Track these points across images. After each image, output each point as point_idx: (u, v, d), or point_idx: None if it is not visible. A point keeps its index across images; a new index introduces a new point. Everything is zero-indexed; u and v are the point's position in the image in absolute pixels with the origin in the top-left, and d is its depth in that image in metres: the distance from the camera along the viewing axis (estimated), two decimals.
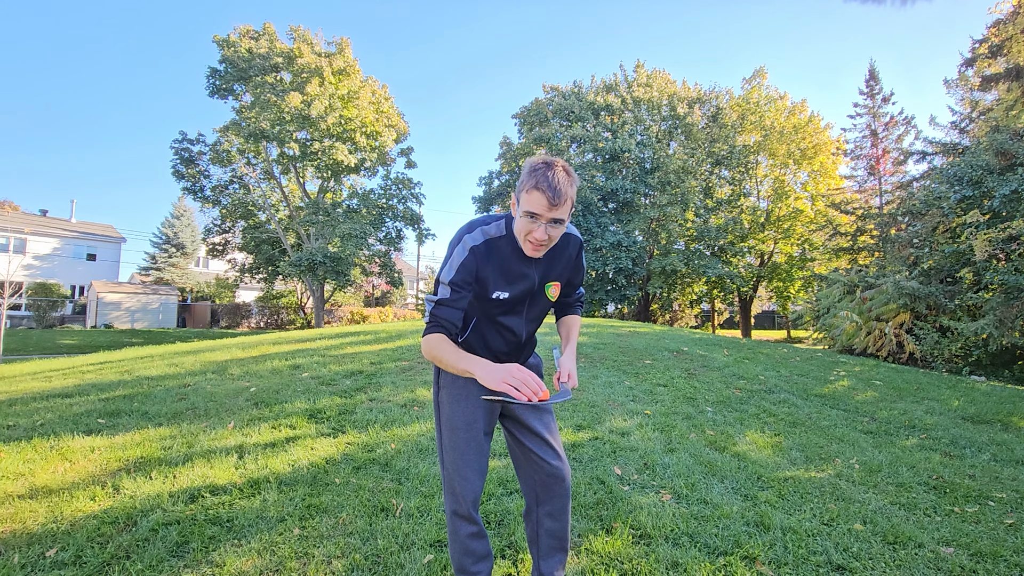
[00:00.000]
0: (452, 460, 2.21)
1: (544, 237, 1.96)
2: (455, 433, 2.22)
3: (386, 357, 8.23)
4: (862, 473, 4.27)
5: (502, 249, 2.09)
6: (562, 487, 2.31)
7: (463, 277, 2.05)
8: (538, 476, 2.32)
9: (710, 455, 4.52)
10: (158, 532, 3.05)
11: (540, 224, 1.95)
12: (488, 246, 2.07)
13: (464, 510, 2.19)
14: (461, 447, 2.20)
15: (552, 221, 1.95)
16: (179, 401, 5.92)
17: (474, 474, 2.20)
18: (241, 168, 31.15)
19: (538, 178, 1.91)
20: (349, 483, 3.74)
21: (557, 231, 1.98)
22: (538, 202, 1.91)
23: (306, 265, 27.57)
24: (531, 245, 2.02)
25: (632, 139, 30.47)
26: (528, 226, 1.97)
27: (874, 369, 9.36)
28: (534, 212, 1.93)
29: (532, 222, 1.95)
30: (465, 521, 2.21)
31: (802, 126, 33.04)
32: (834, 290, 17.63)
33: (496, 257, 2.09)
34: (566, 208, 1.95)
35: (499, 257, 2.09)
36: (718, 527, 3.25)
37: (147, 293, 37.00)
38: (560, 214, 1.94)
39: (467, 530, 2.21)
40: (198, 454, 4.24)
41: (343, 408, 5.59)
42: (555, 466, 2.30)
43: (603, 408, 5.77)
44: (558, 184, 1.90)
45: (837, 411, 6.26)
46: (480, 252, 2.06)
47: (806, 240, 32.45)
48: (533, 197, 1.92)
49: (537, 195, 1.91)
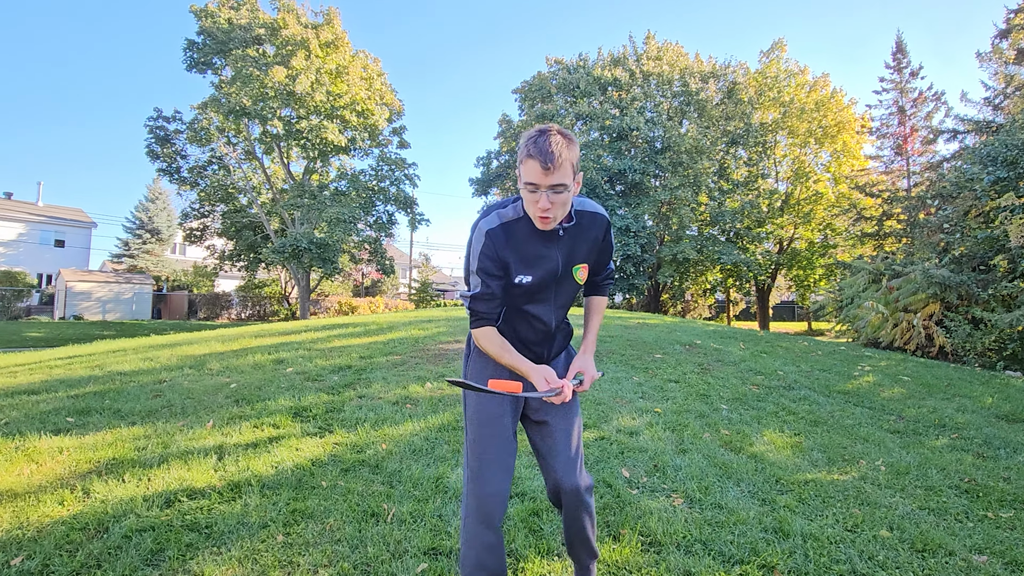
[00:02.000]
0: (475, 456, 2.25)
1: (547, 205, 1.98)
2: (480, 427, 2.26)
3: (376, 351, 8.22)
4: (888, 476, 4.27)
5: (520, 231, 2.12)
6: (571, 501, 2.36)
7: (488, 264, 2.11)
8: (549, 483, 2.40)
9: (725, 456, 4.52)
10: (131, 539, 3.05)
11: (541, 193, 1.97)
12: (505, 229, 2.12)
13: (485, 513, 2.19)
14: (485, 442, 2.24)
15: (551, 188, 1.97)
16: (154, 398, 5.91)
17: (500, 471, 2.23)
18: (221, 148, 31.04)
19: (530, 146, 1.95)
20: (337, 486, 3.73)
21: (561, 197, 2.00)
22: (533, 170, 1.95)
23: (290, 252, 27.52)
24: (539, 217, 2.04)
25: (641, 116, 30.30)
26: (531, 197, 2.01)
27: (901, 364, 9.36)
28: (532, 182, 1.97)
29: (533, 192, 1.99)
30: (484, 527, 2.19)
31: (824, 102, 32.87)
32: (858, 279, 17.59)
33: (514, 240, 2.12)
34: (563, 172, 1.96)
35: (517, 240, 2.13)
36: (733, 534, 3.25)
37: (120, 282, 36.97)
38: (557, 179, 1.95)
39: (485, 539, 2.19)
40: (174, 455, 4.23)
41: (330, 406, 5.58)
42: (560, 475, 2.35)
43: (610, 406, 5.77)
44: (549, 147, 1.92)
45: (861, 409, 6.25)
46: (497, 236, 2.10)
47: (828, 225, 32.39)
48: (528, 166, 1.96)
49: (531, 163, 1.95)
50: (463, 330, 10.08)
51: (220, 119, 28.20)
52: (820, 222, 32.91)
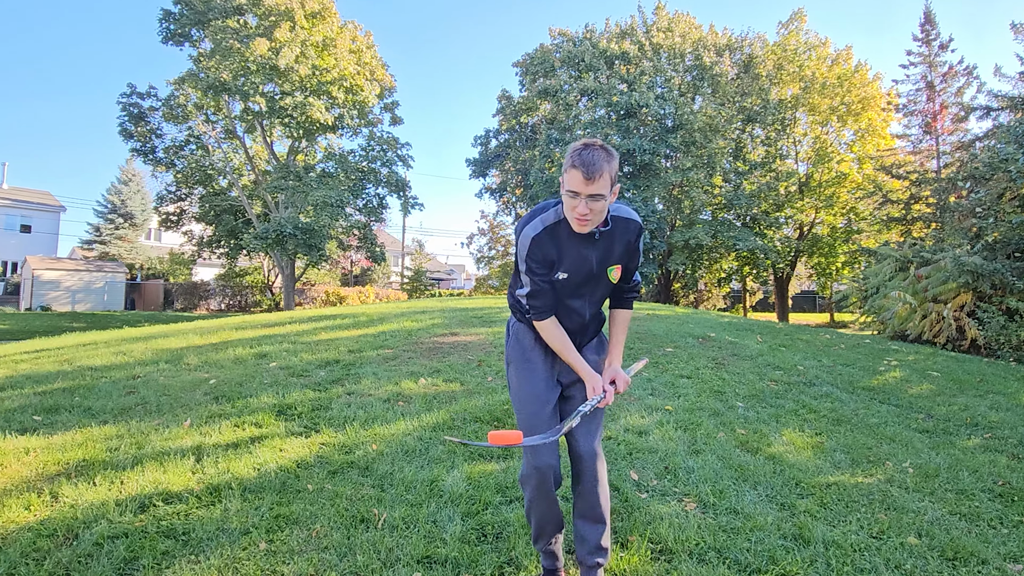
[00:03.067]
0: (525, 431, 2.65)
1: (586, 211, 2.39)
2: (523, 406, 2.74)
3: (367, 344, 8.22)
4: (917, 478, 4.27)
5: (561, 233, 2.55)
6: (587, 466, 2.76)
7: (534, 265, 2.56)
8: (570, 450, 2.81)
9: (741, 457, 4.51)
10: (103, 546, 3.04)
11: (580, 199, 2.38)
12: (548, 232, 2.54)
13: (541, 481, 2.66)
14: (533, 421, 2.69)
15: (591, 196, 2.37)
16: (127, 395, 5.90)
17: (550, 446, 2.65)
18: (199, 126, 30.98)
19: (574, 158, 2.38)
20: (323, 490, 3.73)
21: (598, 205, 2.40)
22: (575, 179, 2.36)
23: (274, 238, 27.49)
24: (577, 221, 2.44)
25: (651, 92, 30.19)
26: (571, 202, 2.41)
27: (930, 358, 9.35)
28: (573, 189, 2.38)
29: (573, 198, 2.39)
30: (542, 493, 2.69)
31: (847, 77, 32.72)
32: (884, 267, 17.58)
33: (556, 240, 2.55)
34: (602, 183, 2.37)
35: (559, 240, 2.56)
36: (750, 541, 3.25)
37: (90, 270, 36.99)
38: (597, 189, 2.36)
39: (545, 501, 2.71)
40: (149, 456, 4.23)
41: (317, 403, 5.58)
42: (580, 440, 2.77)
43: (617, 403, 5.76)
44: (592, 160, 2.34)
45: (888, 407, 6.25)
46: (542, 239, 2.53)
47: (852, 209, 32.35)
48: (571, 175, 2.37)
49: (574, 172, 2.36)
50: (460, 322, 10.08)
51: (198, 95, 28.12)
52: (843, 206, 32.85)
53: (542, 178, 30.45)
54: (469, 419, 5.18)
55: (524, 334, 2.83)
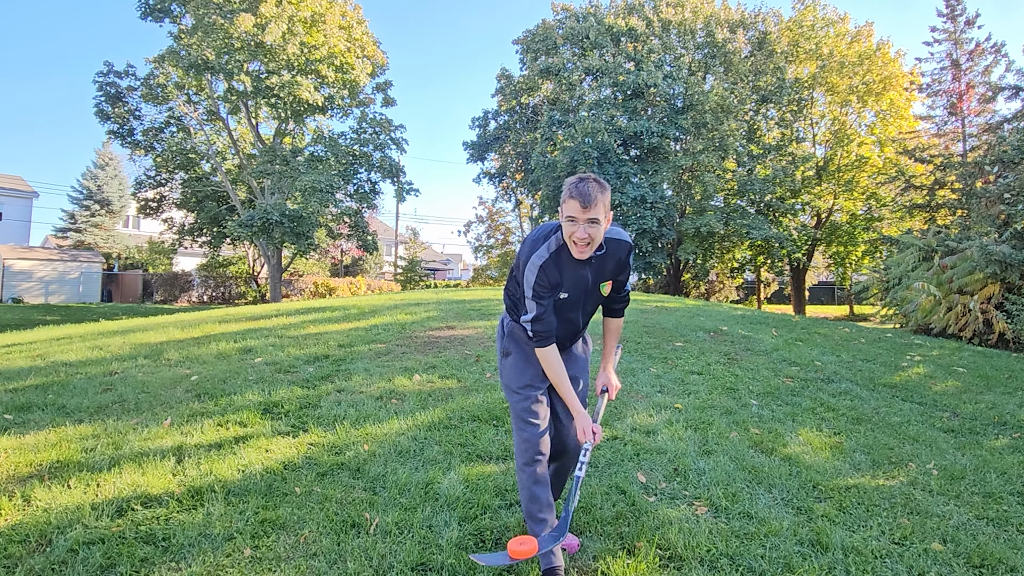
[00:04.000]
0: (517, 414, 3.11)
1: (584, 235, 2.82)
2: (515, 394, 3.13)
3: (358, 338, 8.21)
4: (941, 481, 4.27)
5: (563, 257, 2.96)
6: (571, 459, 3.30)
7: (541, 290, 2.93)
8: (558, 440, 3.24)
9: (755, 458, 4.51)
10: (78, 553, 3.04)
11: (579, 224, 2.81)
12: (554, 258, 2.94)
13: (529, 456, 3.04)
14: (524, 403, 3.09)
15: (588, 221, 2.80)
16: (104, 392, 5.90)
17: (538, 421, 3.08)
18: (180, 107, 30.79)
19: (571, 189, 2.82)
20: (312, 493, 3.73)
21: (595, 230, 2.83)
22: (573, 207, 2.80)
23: (259, 225, 27.41)
24: (576, 245, 2.86)
25: (659, 71, 30.07)
26: (570, 228, 2.84)
27: (956, 353, 9.36)
28: (571, 216, 2.81)
29: (572, 224, 2.82)
30: (530, 466, 3.04)
31: (867, 55, 32.57)
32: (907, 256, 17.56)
33: (560, 265, 2.96)
34: (598, 210, 2.80)
35: (562, 264, 2.96)
36: (765, 547, 3.25)
37: (65, 260, 36.94)
38: (592, 215, 2.79)
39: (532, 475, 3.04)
40: (127, 457, 4.22)
41: (304, 401, 5.58)
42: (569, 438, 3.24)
43: (623, 401, 5.76)
44: (587, 191, 2.78)
45: (911, 405, 6.25)
46: (549, 266, 2.93)
47: (872, 195, 32.26)
48: (569, 205, 2.81)
49: (572, 202, 2.80)
50: (456, 315, 10.07)
51: (179, 74, 27.95)
52: (863, 191, 32.75)
53: (544, 162, 30.37)
54: (466, 418, 5.17)
55: (520, 331, 3.19)
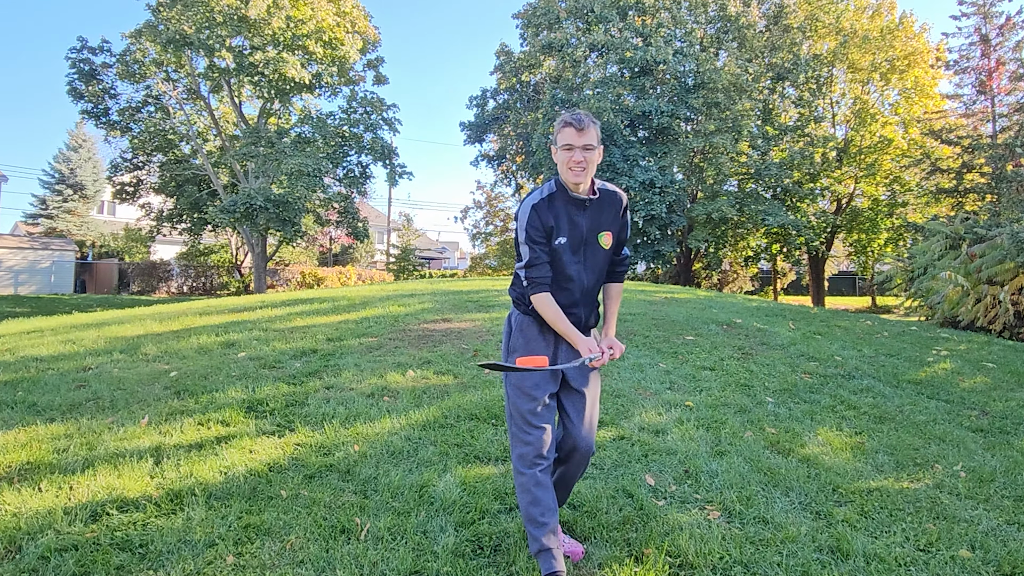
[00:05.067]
0: (521, 415, 3.08)
1: (581, 159, 2.99)
2: (523, 395, 3.08)
3: (347, 332, 8.21)
4: (970, 483, 4.26)
5: (557, 202, 3.11)
6: (581, 458, 3.23)
7: (534, 232, 3.05)
8: (568, 441, 3.20)
9: (771, 459, 4.51)
10: (49, 560, 3.03)
11: (575, 150, 2.98)
12: (547, 201, 3.10)
13: (531, 459, 3.03)
14: (531, 404, 3.07)
15: (583, 148, 2.99)
16: (77, 389, 5.90)
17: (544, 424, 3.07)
18: (158, 85, 30.77)
19: (564, 119, 3.04)
20: (299, 496, 3.73)
21: (591, 154, 3.02)
22: (568, 134, 2.99)
23: (242, 211, 27.38)
24: (573, 171, 3.01)
25: (669, 47, 30.01)
26: (566, 155, 3.01)
27: (985, 347, 9.35)
28: (568, 144, 2.99)
29: (568, 151, 3.00)
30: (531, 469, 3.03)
31: (890, 30, 32.47)
32: (932, 244, 17.55)
33: (554, 208, 3.10)
34: (591, 136, 3.00)
35: (556, 208, 3.10)
36: (781, 554, 3.24)
37: (36, 248, 36.94)
38: (587, 140, 2.99)
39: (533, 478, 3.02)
40: (102, 458, 4.22)
41: (291, 398, 5.57)
42: (582, 438, 3.19)
43: (631, 398, 5.76)
44: (580, 117, 3.00)
45: (937, 402, 6.24)
46: (542, 207, 3.08)
47: (896, 179, 32.26)
48: (564, 133, 3.01)
49: (567, 129, 3.00)
50: (453, 307, 10.06)
51: (157, 50, 27.91)
52: (886, 175, 32.74)
53: (546, 143, 30.26)
54: (463, 416, 5.17)
55: (528, 326, 3.22)
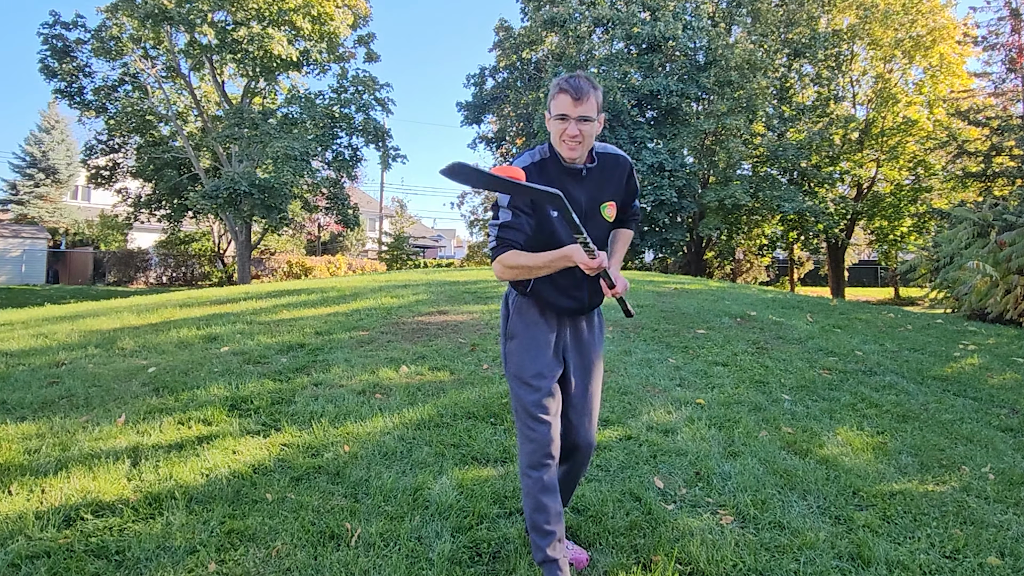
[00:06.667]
0: (524, 409, 2.96)
1: (575, 132, 2.79)
2: (524, 385, 2.99)
3: (337, 325, 8.20)
4: (999, 486, 4.26)
5: (550, 169, 2.92)
6: (582, 453, 3.21)
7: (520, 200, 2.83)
8: (569, 436, 3.14)
9: (787, 461, 4.50)
10: (20, 568, 3.03)
11: (570, 122, 2.78)
12: (537, 167, 2.89)
13: (537, 458, 2.92)
14: (534, 395, 2.96)
15: (580, 119, 2.78)
16: (49, 386, 5.89)
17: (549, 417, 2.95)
18: (136, 62, 30.70)
19: (560, 83, 2.81)
20: (286, 500, 3.72)
21: (588, 127, 2.82)
22: (564, 103, 2.79)
23: (225, 197, 27.33)
24: (567, 145, 2.83)
25: (678, 22, 29.93)
26: (559, 127, 2.81)
27: (1015, 341, 9.35)
28: (562, 113, 2.79)
29: (562, 122, 2.80)
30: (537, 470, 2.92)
31: (915, 4, 32.38)
32: (959, 232, 17.52)
33: (546, 176, 2.88)
34: (589, 106, 2.79)
35: (549, 176, 2.89)
36: (798, 561, 3.24)
37: (5, 236, 36.91)
38: (584, 111, 2.78)
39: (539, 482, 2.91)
40: (76, 460, 4.21)
41: (277, 396, 5.57)
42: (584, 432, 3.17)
43: (638, 396, 5.75)
44: (579, 84, 2.78)
45: (964, 400, 6.24)
46: (531, 172, 2.83)
47: (921, 162, 32.18)
48: (558, 100, 2.80)
49: (562, 96, 2.79)
50: (449, 298, 10.06)
51: (135, 25, 27.81)
52: (910, 158, 32.67)
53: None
54: (460, 415, 5.16)
55: (528, 307, 3.08)
